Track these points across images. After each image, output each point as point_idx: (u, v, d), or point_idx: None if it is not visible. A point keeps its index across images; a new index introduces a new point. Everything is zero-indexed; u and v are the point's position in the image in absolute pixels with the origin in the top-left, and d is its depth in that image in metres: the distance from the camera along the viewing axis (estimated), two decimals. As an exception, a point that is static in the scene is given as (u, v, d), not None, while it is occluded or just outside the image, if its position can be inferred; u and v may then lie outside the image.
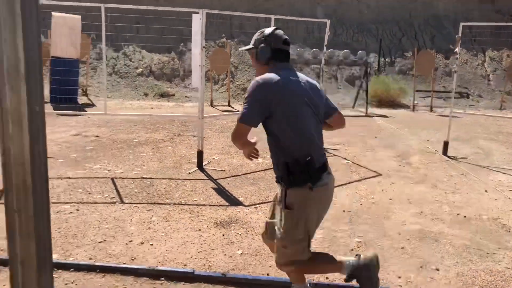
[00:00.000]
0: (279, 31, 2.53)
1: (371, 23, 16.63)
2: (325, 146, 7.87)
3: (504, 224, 4.41)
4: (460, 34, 6.88)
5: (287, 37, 2.52)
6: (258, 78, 2.40)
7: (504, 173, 6.34)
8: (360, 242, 3.87)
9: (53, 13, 10.55)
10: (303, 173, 2.33)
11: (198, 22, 5.61)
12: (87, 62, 12.45)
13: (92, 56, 13.30)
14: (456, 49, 6.81)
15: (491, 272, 3.41)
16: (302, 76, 2.52)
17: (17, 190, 0.86)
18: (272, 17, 6.40)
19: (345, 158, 6.81)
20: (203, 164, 6.05)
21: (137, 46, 14.39)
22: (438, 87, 14.44)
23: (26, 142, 0.84)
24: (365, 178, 5.81)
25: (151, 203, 4.53)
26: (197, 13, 5.64)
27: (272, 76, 2.37)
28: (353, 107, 12.37)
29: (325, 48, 7.35)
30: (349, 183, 5.62)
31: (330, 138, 8.09)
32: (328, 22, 7.12)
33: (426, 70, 12.99)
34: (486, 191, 5.46)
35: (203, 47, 5.71)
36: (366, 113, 11.42)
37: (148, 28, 14.60)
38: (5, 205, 0.88)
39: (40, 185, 0.88)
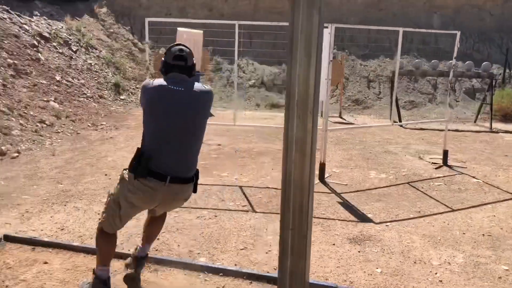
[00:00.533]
0: (174, 48, 2.79)
1: (494, 32, 15.48)
2: (450, 163, 7.38)
3: None
4: None
5: (178, 53, 2.75)
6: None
7: None
8: (507, 270, 3.61)
9: (178, 29, 11.35)
10: (135, 163, 2.63)
11: (326, 37, 5.68)
12: (206, 74, 13.18)
13: (210, 69, 14.07)
14: None
15: None
16: (182, 85, 2.73)
17: (293, 211, 0.96)
18: (400, 29, 6.26)
19: (474, 177, 6.40)
20: (325, 177, 6.07)
21: (249, 58, 14.91)
22: None
23: (307, 169, 0.93)
24: (502, 200, 5.41)
25: (282, 214, 4.66)
26: (326, 27, 5.71)
27: (151, 81, 2.76)
28: (475, 122, 11.58)
29: (454, 60, 7.00)
30: (483, 204, 5.27)
31: (454, 155, 7.68)
32: (458, 33, 6.78)
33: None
34: None
35: (330, 60, 5.76)
36: (491, 128, 10.62)
37: (261, 42, 15.07)
38: (280, 224, 0.98)
39: (311, 208, 0.96)
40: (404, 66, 12.45)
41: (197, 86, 2.77)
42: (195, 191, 2.82)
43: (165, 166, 2.62)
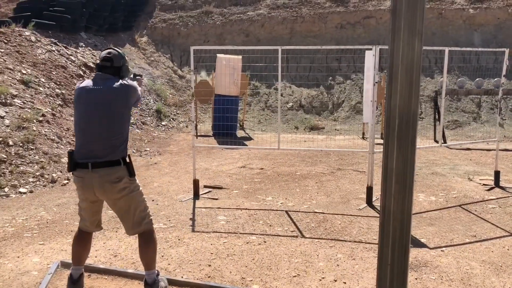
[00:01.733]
0: (104, 51, 3.24)
1: (539, 47, 14.96)
2: (502, 184, 7.11)
3: None
4: None
5: (105, 55, 3.17)
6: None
7: None
8: None
9: (218, 55, 11.59)
10: (68, 160, 3.06)
11: (371, 58, 5.63)
12: (244, 99, 13.32)
13: (248, 93, 14.21)
14: None
15: None
16: (101, 82, 3.10)
17: (392, 245, 0.92)
18: (446, 49, 6.14)
19: (532, 200, 6.10)
20: (373, 200, 5.94)
21: (287, 82, 14.99)
22: None
23: (406, 201, 0.90)
24: None
25: (332, 239, 4.56)
26: (370, 49, 5.67)
27: (79, 82, 3.26)
28: (524, 141, 11.13)
29: (503, 78, 6.79)
30: (544, 228, 4.99)
31: (505, 176, 7.39)
32: (507, 51, 6.59)
33: None
34: None
35: (376, 82, 5.70)
36: (542, 147, 10.17)
37: (297, 66, 15.18)
38: (378, 259, 0.95)
39: (408, 242, 0.93)
40: (447, 85, 12.17)
41: (117, 83, 3.10)
42: (130, 174, 3.07)
43: (85, 156, 2.99)
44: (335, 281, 3.60)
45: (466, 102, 13.73)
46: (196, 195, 6.10)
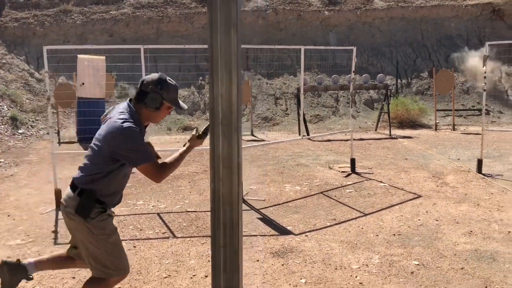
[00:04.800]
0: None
1: (384, 46, 16.85)
2: (358, 170, 7.84)
3: (558, 240, 4.38)
4: (487, 53, 6.98)
5: (143, 78, 2.67)
6: (133, 125, 2.54)
7: (544, 188, 6.31)
8: (418, 264, 3.87)
9: (78, 56, 10.90)
10: None
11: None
12: (111, 101, 12.74)
13: (116, 95, 13.62)
14: (484, 68, 6.90)
15: (558, 289, 3.39)
16: (112, 117, 2.64)
17: (224, 228, 0.95)
18: (302, 48, 6.57)
19: (381, 181, 6.84)
20: (243, 194, 6.12)
21: (157, 82, 14.70)
22: (457, 106, 14.47)
23: (235, 185, 0.93)
24: (406, 201, 5.83)
25: (204, 236, 4.59)
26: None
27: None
28: (376, 130, 12.43)
29: (352, 74, 7.49)
30: (391, 206, 5.64)
31: (360, 162, 8.15)
32: (355, 49, 7.28)
33: (445, 89, 13.06)
34: (531, 207, 5.44)
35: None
36: (390, 135, 11.47)
37: (166, 65, 14.96)
38: (212, 242, 0.97)
39: (240, 222, 0.97)
40: (307, 82, 13.07)
41: (114, 120, 2.55)
42: (76, 211, 2.52)
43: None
44: (206, 276, 3.63)
45: (325, 98, 14.87)
46: (59, 206, 5.66)
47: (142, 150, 2.55)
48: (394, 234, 4.63)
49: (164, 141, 11.32)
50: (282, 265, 3.88)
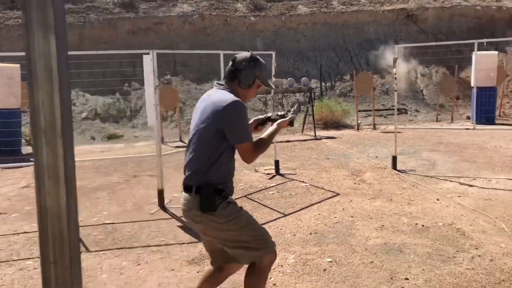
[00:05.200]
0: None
1: (309, 51, 17.34)
2: (282, 171, 7.95)
3: (458, 229, 4.71)
4: (396, 55, 7.39)
5: (234, 56, 2.72)
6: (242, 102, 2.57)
7: (450, 181, 6.77)
8: (331, 261, 3.99)
9: (-11, 64, 10.22)
10: None
11: (149, 63, 5.68)
12: (29, 111, 12.06)
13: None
14: (394, 70, 7.29)
15: (455, 275, 3.64)
16: (213, 96, 2.63)
17: (53, 242, 0.91)
18: (221, 52, 6.59)
19: (303, 182, 7.00)
20: (165, 203, 6.01)
21: (80, 90, 14.13)
22: (378, 106, 15.20)
23: (63, 195, 0.89)
24: (325, 199, 6.01)
25: (119, 248, 4.45)
26: (148, 53, 5.71)
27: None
28: (302, 132, 12.74)
29: (273, 78, 7.62)
30: (311, 205, 5.78)
31: (285, 164, 8.31)
32: (274, 53, 7.42)
33: (365, 91, 13.66)
34: (438, 199, 5.81)
35: (156, 86, 5.76)
36: (315, 136, 11.80)
37: (90, 72, 14.42)
38: (41, 258, 0.93)
39: (74, 236, 0.93)
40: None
41: (220, 96, 2.53)
42: (202, 208, 2.47)
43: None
44: (117, 290, 3.51)
45: (254, 101, 15.03)
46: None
47: (247, 129, 2.57)
48: (311, 233, 4.74)
49: (87, 151, 10.89)
50: (198, 272, 3.84)
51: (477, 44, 7.40)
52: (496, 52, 14.40)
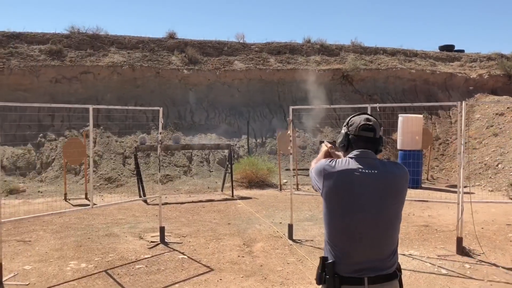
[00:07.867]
0: (360, 116, 2.34)
1: (242, 106, 17.07)
2: (169, 239, 7.16)
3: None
4: (290, 117, 7.00)
5: (368, 122, 2.29)
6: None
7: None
8: None
9: None
10: (320, 272, 2.22)
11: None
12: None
13: None
14: (289, 131, 6.86)
15: None
16: (382, 168, 2.24)
17: None
18: (160, 109, 5.96)
19: (183, 253, 6.25)
20: (3, 279, 5.09)
21: (-14, 139, 13.04)
22: (308, 165, 14.83)
23: None
24: (193, 277, 5.27)
25: None
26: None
27: (331, 162, 2.26)
28: (222, 190, 12.08)
29: (159, 135, 6.99)
30: (172, 284, 5.03)
31: (179, 229, 7.58)
32: (161, 109, 6.86)
33: (287, 149, 13.28)
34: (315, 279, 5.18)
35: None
36: (232, 195, 11.16)
37: (1, 120, 13.43)
38: None
39: None
40: (146, 141, 12.50)
41: (390, 165, 2.26)
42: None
43: (359, 268, 2.14)
44: None
45: (178, 157, 14.36)
46: None
47: None
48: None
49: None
50: None
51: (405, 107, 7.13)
52: (421, 115, 14.49)
